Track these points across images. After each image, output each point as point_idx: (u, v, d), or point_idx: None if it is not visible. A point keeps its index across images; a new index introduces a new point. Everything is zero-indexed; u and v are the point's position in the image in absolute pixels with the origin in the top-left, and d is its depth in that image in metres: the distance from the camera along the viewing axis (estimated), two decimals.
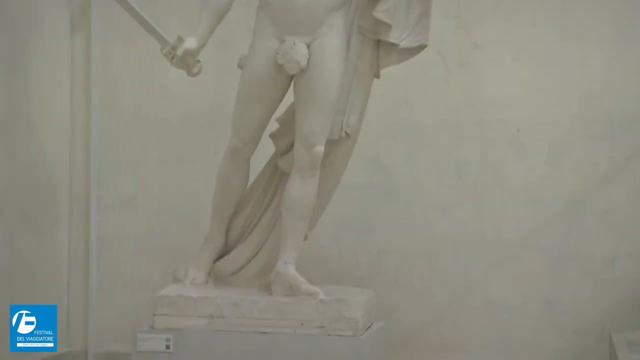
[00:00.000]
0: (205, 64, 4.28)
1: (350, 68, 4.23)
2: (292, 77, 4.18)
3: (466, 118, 5.27)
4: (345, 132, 4.26)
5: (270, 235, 4.44)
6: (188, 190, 5.33)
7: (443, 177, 5.30)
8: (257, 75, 4.17)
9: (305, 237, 4.36)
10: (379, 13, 4.13)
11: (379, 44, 4.26)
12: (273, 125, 4.38)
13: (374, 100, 4.38)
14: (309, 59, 4.11)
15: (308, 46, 4.11)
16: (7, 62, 4.73)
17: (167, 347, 4.10)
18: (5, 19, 4.67)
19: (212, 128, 5.23)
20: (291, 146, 4.29)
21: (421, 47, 4.26)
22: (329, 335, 4.05)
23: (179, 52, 4.19)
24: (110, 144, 5.42)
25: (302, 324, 4.07)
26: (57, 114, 5.28)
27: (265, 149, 4.42)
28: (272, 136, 4.43)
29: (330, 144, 4.24)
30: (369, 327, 4.31)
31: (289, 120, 4.33)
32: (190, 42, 4.20)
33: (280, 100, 4.29)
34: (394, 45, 4.21)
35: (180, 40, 4.22)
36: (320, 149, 4.16)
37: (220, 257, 4.45)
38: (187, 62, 4.24)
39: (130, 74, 5.39)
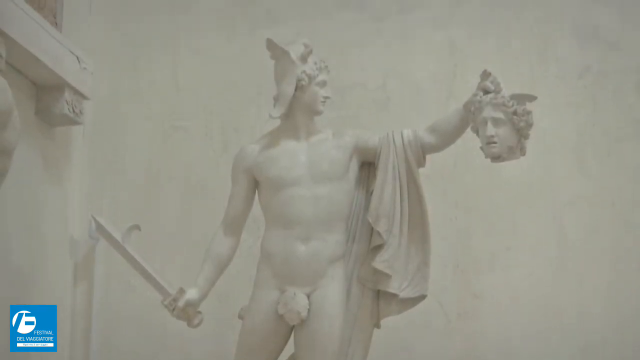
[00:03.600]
0: (205, 315, 4.27)
1: (351, 318, 4.20)
2: (292, 327, 4.15)
3: None
4: None
5: None
6: None
7: None
8: (258, 325, 4.15)
9: None
10: (378, 263, 4.15)
11: (378, 293, 4.26)
12: None
13: (374, 350, 4.34)
14: (309, 309, 4.09)
15: (308, 296, 4.11)
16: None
17: None
18: (9, 268, 4.71)
19: None
20: None
21: (421, 297, 4.25)
22: None
23: (180, 303, 4.18)
24: None
25: None
26: None
27: None
28: None
29: None
30: None
31: None
32: (191, 294, 4.20)
33: (281, 351, 4.24)
34: (393, 295, 4.21)
35: (181, 291, 4.21)
36: None
37: None
38: (188, 313, 4.22)
39: (129, 322, 5.39)
